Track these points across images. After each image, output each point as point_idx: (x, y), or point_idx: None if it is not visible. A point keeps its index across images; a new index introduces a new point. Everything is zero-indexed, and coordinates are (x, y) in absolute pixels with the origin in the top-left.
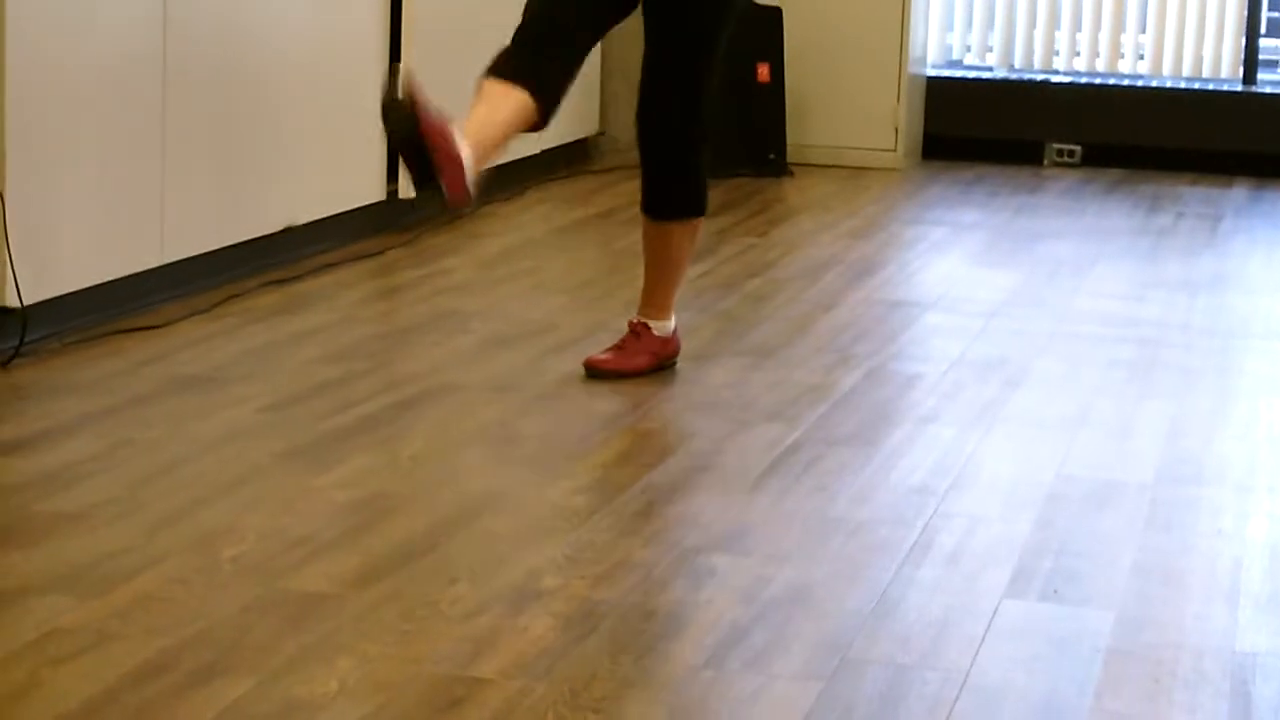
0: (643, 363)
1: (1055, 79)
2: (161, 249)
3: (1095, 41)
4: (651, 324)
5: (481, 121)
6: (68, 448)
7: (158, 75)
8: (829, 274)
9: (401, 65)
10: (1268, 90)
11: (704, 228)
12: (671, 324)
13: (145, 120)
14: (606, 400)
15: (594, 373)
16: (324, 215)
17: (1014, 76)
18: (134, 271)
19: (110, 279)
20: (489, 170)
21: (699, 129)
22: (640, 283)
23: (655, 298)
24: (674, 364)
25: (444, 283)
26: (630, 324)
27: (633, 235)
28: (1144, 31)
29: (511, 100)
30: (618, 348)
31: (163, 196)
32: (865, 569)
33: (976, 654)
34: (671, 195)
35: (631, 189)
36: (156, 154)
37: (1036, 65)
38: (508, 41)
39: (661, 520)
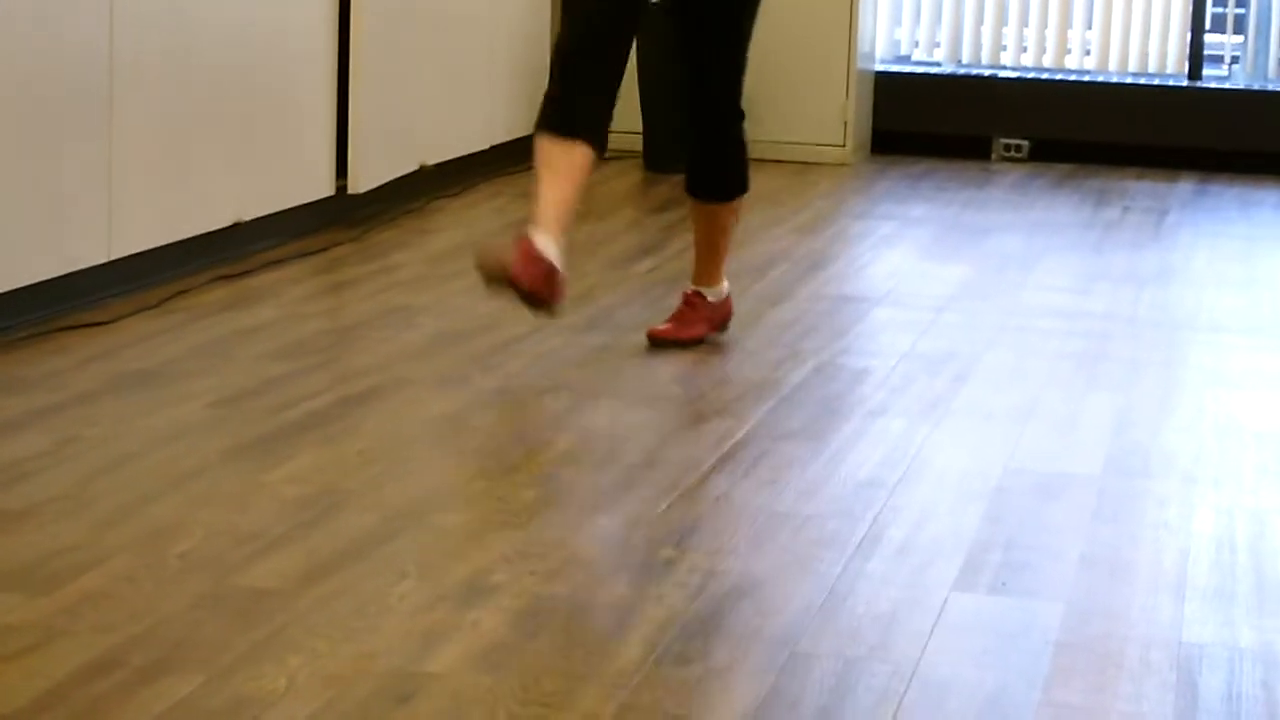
0: (700, 330)
1: (1003, 74)
2: (109, 245)
3: (1042, 37)
4: (705, 291)
5: (559, 201)
6: (14, 444)
7: (105, 68)
8: (777, 269)
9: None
10: (1212, 86)
11: (652, 223)
12: (724, 288)
13: (93, 114)
14: (555, 396)
15: (656, 343)
16: (272, 211)
17: (962, 72)
18: (81, 267)
19: (57, 275)
20: (438, 166)
21: (739, 115)
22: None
23: (707, 268)
24: (727, 327)
25: (392, 278)
26: (685, 294)
27: (578, 232)
28: (1090, 27)
29: (575, 162)
30: (676, 318)
31: (110, 192)
32: (814, 563)
33: (925, 647)
34: (719, 179)
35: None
36: (104, 149)
37: (984, 60)
38: (552, 80)
39: (610, 515)
